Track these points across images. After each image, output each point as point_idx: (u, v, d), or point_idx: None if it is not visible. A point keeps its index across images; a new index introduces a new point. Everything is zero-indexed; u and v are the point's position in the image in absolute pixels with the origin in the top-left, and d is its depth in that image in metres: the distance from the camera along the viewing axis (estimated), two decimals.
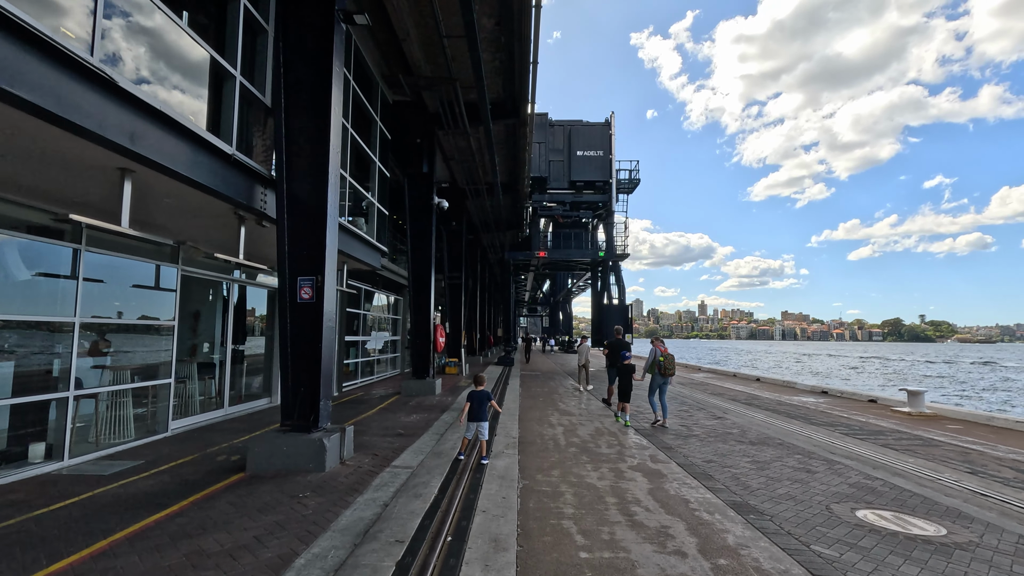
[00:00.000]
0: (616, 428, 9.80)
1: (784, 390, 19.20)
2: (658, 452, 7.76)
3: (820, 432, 10.23)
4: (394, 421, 10.05)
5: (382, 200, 12.50)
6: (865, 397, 16.52)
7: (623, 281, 27.68)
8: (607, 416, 11.36)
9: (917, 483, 6.50)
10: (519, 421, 10.31)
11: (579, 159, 25.65)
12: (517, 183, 20.78)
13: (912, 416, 13.05)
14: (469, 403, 7.10)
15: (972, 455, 8.50)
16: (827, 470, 7.07)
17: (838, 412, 13.34)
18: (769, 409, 13.54)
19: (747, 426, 10.58)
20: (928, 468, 7.41)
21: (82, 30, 4.13)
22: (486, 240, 29.60)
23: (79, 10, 4.16)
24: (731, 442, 8.80)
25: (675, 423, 10.64)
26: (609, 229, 26.92)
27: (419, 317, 14.33)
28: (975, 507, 5.60)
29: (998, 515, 5.37)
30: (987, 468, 7.54)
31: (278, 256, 6.53)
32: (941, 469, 7.40)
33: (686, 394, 16.38)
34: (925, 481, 6.63)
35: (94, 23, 4.21)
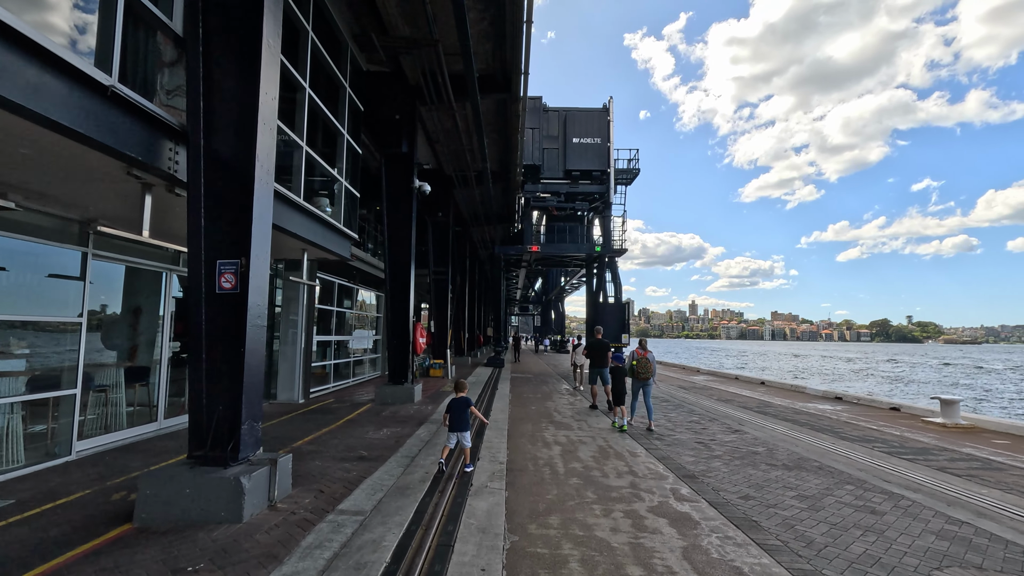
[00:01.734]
0: (624, 447, 8.28)
1: (795, 395, 17.80)
2: (680, 483, 6.25)
3: (857, 450, 8.78)
4: (358, 438, 8.46)
5: (354, 181, 10.90)
6: (886, 404, 15.13)
7: (619, 278, 26.24)
8: (608, 428, 9.84)
9: (1018, 531, 5.04)
10: (508, 437, 8.76)
11: (575, 147, 24.07)
12: (509, 171, 19.22)
13: (948, 428, 11.65)
14: (449, 412, 6.78)
15: None
16: (895, 509, 5.59)
17: (864, 423, 11.93)
18: (787, 419, 12.10)
19: (772, 442, 9.12)
20: (1014, 505, 5.95)
21: None
22: (475, 234, 28.01)
23: None
24: (761, 466, 7.32)
25: (690, 438, 9.15)
26: (606, 222, 25.38)
27: (396, 314, 12.74)
28: None
29: None
30: None
31: (189, 232, 4.94)
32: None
33: (692, 401, 14.93)
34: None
35: None
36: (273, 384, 12.47)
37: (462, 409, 6.74)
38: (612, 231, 25.48)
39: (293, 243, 8.66)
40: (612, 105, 24.58)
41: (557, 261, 30.79)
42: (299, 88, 8.15)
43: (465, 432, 6.70)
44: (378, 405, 12.05)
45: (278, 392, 12.43)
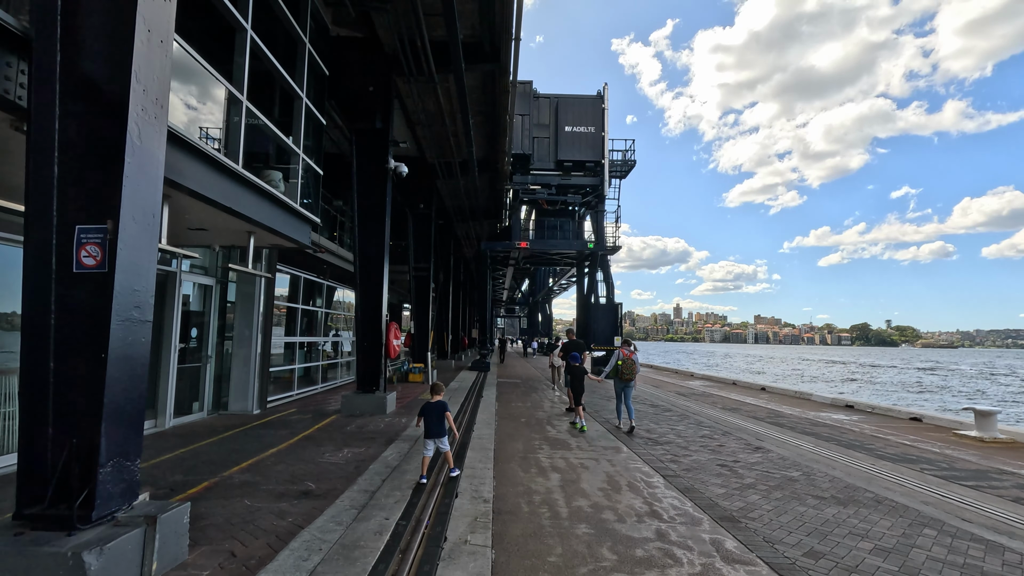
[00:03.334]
0: (636, 474, 6.81)
1: (801, 403, 16.52)
2: (719, 531, 4.79)
3: (905, 473, 7.43)
4: (310, 462, 6.88)
5: (317, 157, 9.34)
6: (905, 414, 13.90)
7: (612, 278, 24.85)
8: (615, 447, 8.37)
9: None
10: (495, 461, 7.24)
11: (567, 136, 22.57)
12: (496, 159, 17.72)
13: (987, 443, 10.40)
14: (423, 418, 6.34)
15: None
16: (1004, 568, 4.21)
17: (892, 436, 10.64)
18: (807, 432, 10.77)
19: (804, 464, 7.73)
20: None
21: None
22: (460, 229, 26.45)
23: None
24: (808, 500, 5.90)
25: (710, 459, 7.72)
26: (599, 218, 23.93)
27: (367, 312, 11.17)
28: None
29: None
30: None
31: (32, 185, 3.37)
32: None
33: (696, 410, 13.55)
34: None
35: None
36: (225, 392, 10.81)
37: (438, 414, 6.31)
38: (605, 227, 24.08)
39: (233, 223, 7.07)
40: (607, 92, 23.12)
41: (546, 259, 29.25)
42: (239, 29, 6.59)
43: (443, 437, 6.30)
44: (344, 417, 10.45)
45: (230, 401, 10.77)
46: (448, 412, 6.36)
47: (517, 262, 30.65)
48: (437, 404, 6.33)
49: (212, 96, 6.25)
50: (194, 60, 5.52)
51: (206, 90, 6.15)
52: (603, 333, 22.96)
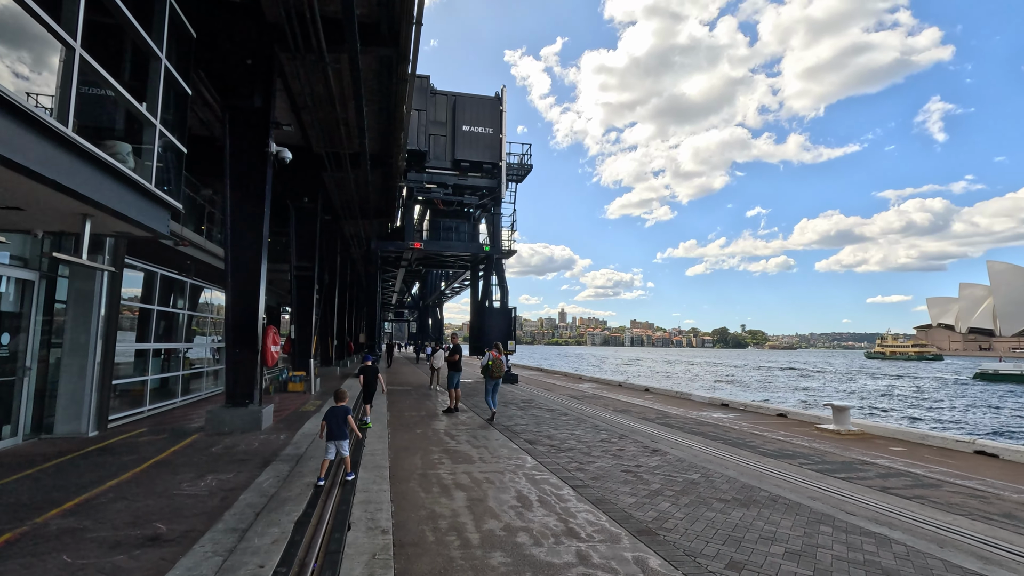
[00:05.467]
0: (546, 486, 6.44)
1: (684, 403, 17.47)
2: (639, 546, 4.53)
3: (788, 469, 7.87)
4: (160, 497, 5.67)
5: (180, 133, 7.94)
6: (772, 411, 15.16)
7: (506, 282, 24.74)
8: (519, 458, 7.98)
9: None
10: (392, 481, 6.50)
11: (465, 135, 22.05)
12: (391, 153, 16.74)
13: (843, 436, 11.53)
14: (326, 423, 6.39)
15: (994, 501, 6.52)
16: (902, 562, 4.39)
17: (767, 432, 11.43)
18: (695, 432, 11.23)
19: (700, 465, 7.91)
20: (999, 539, 5.08)
21: None
22: (349, 228, 24.85)
23: None
24: (714, 504, 5.92)
25: (614, 465, 7.60)
26: (495, 220, 23.68)
27: (240, 315, 9.80)
28: None
29: None
30: None
31: None
32: (1014, 539, 5.12)
33: (590, 413, 13.68)
34: None
35: None
36: (50, 411, 8.86)
37: (341, 418, 6.42)
38: (501, 230, 23.90)
39: (62, 202, 5.65)
40: (505, 95, 23.00)
41: (440, 261, 28.43)
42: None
43: (344, 441, 6.39)
44: (209, 436, 9.01)
45: (56, 422, 8.83)
46: (351, 416, 6.50)
47: (409, 264, 29.53)
48: (341, 409, 6.49)
49: (32, 40, 4.90)
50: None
51: (24, 30, 4.80)
52: (498, 336, 22.73)
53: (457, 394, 13.19)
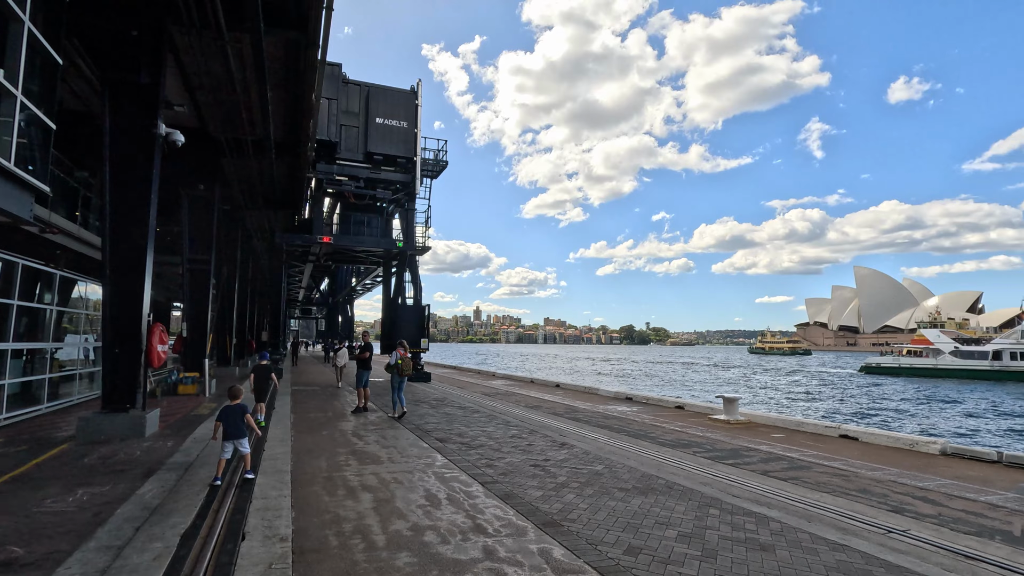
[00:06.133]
0: (455, 484, 6.43)
1: (592, 398, 18.15)
2: (545, 538, 4.66)
3: (683, 457, 8.43)
4: (17, 516, 5.03)
5: (48, 106, 7.06)
6: (672, 403, 16.13)
7: (420, 279, 24.37)
8: (429, 457, 7.91)
9: (884, 546, 4.63)
10: (294, 485, 6.20)
11: (379, 128, 21.36)
12: (299, 142, 15.91)
13: (732, 425, 12.50)
14: (221, 422, 6.20)
15: (853, 478, 7.37)
16: (775, 537, 4.86)
17: (666, 424, 12.16)
18: (601, 426, 11.71)
19: (605, 456, 8.27)
20: (856, 512, 5.77)
21: None
22: (251, 220, 23.34)
23: None
24: (615, 493, 6.22)
25: (523, 460, 7.75)
26: (410, 216, 23.19)
27: (121, 310, 8.91)
28: None
29: None
30: (906, 504, 6.24)
31: None
32: (867, 511, 5.83)
33: (502, 410, 13.85)
34: (896, 544, 4.81)
35: None
36: None
37: (238, 416, 6.27)
38: (415, 226, 23.44)
39: None
40: (421, 89, 22.57)
41: (351, 257, 27.38)
42: None
43: (243, 439, 6.26)
44: (81, 445, 8.10)
45: None
46: (249, 414, 6.38)
47: (318, 258, 28.20)
48: (238, 407, 6.32)
49: None
50: None
51: None
52: (410, 334, 22.33)
53: (366, 393, 12.85)
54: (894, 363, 55.90)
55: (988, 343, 49.46)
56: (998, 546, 4.83)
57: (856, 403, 32.08)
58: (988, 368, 45.75)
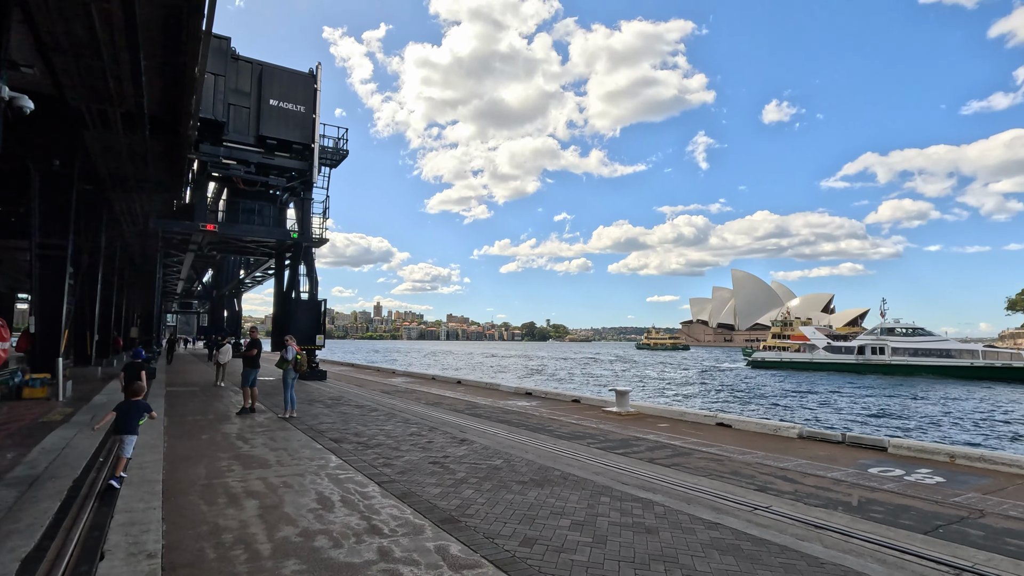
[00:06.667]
0: (351, 484, 6.19)
1: (493, 393, 18.36)
2: (442, 535, 4.63)
3: (578, 449, 8.79)
4: None
5: None
6: (569, 397, 16.74)
7: (316, 273, 23.18)
8: (323, 458, 7.56)
9: (746, 520, 5.16)
10: (166, 496, 5.64)
11: (273, 110, 19.85)
12: (178, 120, 14.46)
13: (623, 416, 13.22)
14: (115, 412, 6.11)
15: (726, 462, 8.10)
16: (659, 520, 5.21)
17: (563, 417, 12.60)
18: (501, 421, 11.88)
19: (504, 451, 8.40)
20: (728, 492, 6.35)
21: None
22: (120, 202, 20.86)
23: None
24: (513, 486, 6.34)
25: (422, 458, 7.66)
26: (306, 206, 21.88)
27: None
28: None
29: None
30: (769, 484, 6.96)
31: None
32: (738, 491, 6.43)
33: (402, 407, 13.60)
34: (760, 520, 5.36)
35: None
36: None
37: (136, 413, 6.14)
38: (312, 217, 22.20)
39: None
40: (320, 73, 21.28)
41: (239, 247, 25.31)
42: None
43: (131, 436, 6.05)
44: None
45: None
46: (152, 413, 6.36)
47: (200, 248, 25.81)
48: (141, 403, 6.25)
49: None
50: None
51: None
52: (305, 330, 21.18)
53: (254, 393, 12.04)
54: (777, 358, 62.08)
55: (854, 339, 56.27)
56: (840, 516, 5.53)
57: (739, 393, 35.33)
58: (854, 362, 52.08)
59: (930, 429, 21.41)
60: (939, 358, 46.36)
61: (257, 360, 12.17)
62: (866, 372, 49.34)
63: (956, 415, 25.07)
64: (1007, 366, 42.71)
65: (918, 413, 25.77)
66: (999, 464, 7.86)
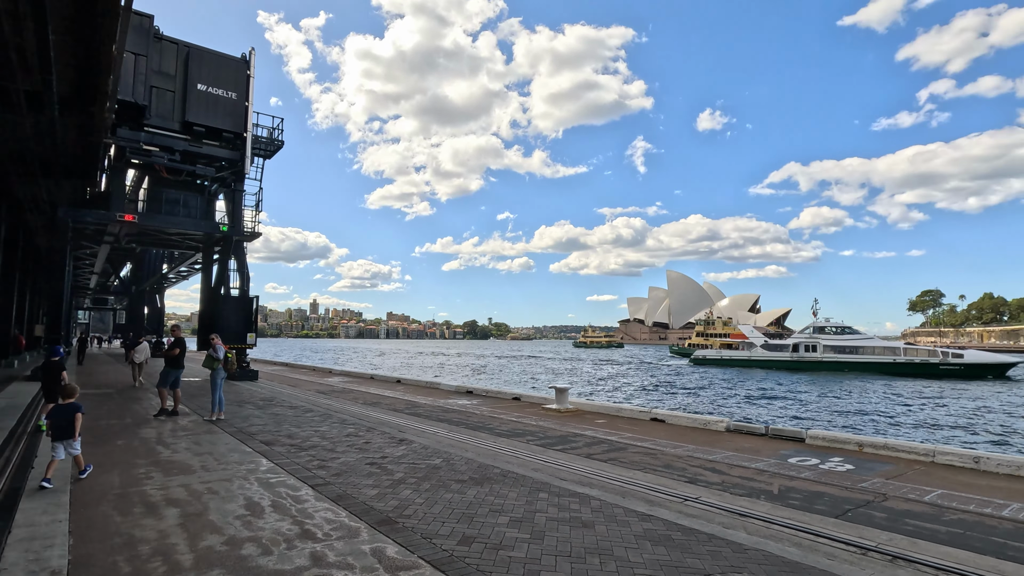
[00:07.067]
0: (282, 488, 5.95)
1: (433, 392, 18.21)
2: (379, 537, 4.53)
3: (517, 446, 8.86)
4: None
5: None
6: (509, 395, 16.85)
7: (247, 268, 22.06)
8: (252, 461, 7.22)
9: (677, 511, 5.38)
10: (74, 507, 5.21)
11: (201, 95, 18.58)
12: (92, 101, 13.34)
13: (563, 413, 13.44)
14: (50, 419, 6.13)
15: (660, 456, 8.40)
16: (595, 515, 5.34)
17: (504, 415, 12.67)
18: (441, 419, 11.81)
19: (443, 450, 8.34)
20: (660, 485, 6.59)
21: None
22: (23, 189, 19.04)
23: None
24: (452, 485, 6.31)
25: (359, 459, 7.48)
26: (237, 198, 20.73)
27: None
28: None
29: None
30: (699, 475, 7.27)
31: None
32: (670, 484, 6.69)
33: (339, 408, 13.23)
34: (690, 510, 5.59)
35: None
36: None
37: (67, 416, 6.09)
38: (244, 210, 21.06)
39: None
40: (253, 59, 20.15)
41: (162, 239, 23.60)
42: None
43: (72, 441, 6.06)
44: None
45: None
46: (80, 414, 6.19)
47: (118, 240, 23.94)
48: (69, 406, 6.18)
49: None
50: None
51: None
52: (235, 328, 20.15)
53: (177, 395, 11.36)
54: (717, 355, 64.78)
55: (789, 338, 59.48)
56: (763, 504, 5.87)
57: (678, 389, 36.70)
58: (789, 359, 55.10)
59: (848, 420, 23.14)
60: (865, 355, 50.08)
61: (181, 360, 11.48)
62: (800, 369, 52.41)
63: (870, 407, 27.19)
64: (925, 362, 46.86)
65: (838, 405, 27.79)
66: (900, 451, 8.59)
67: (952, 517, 5.54)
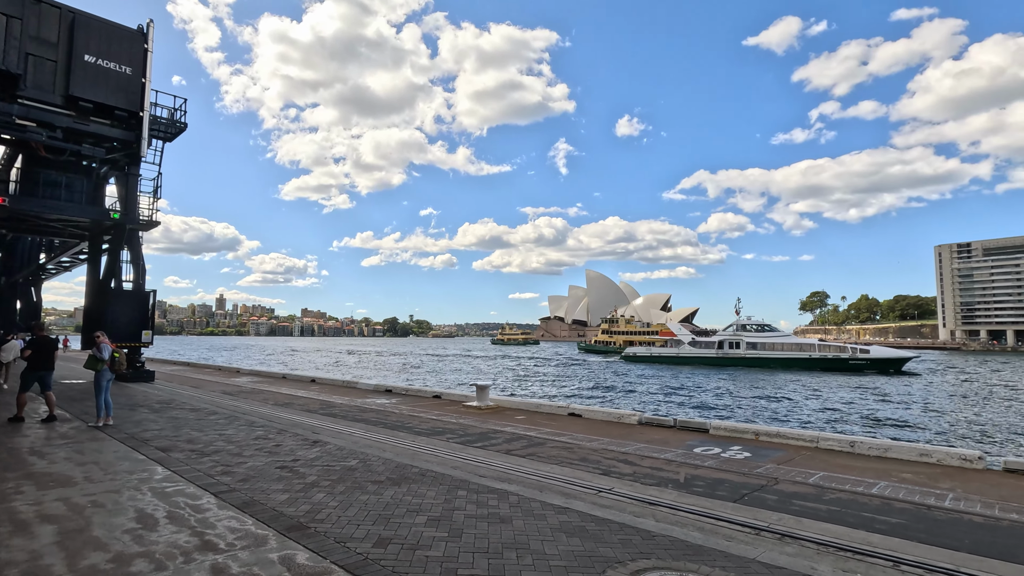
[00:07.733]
0: (180, 497, 5.50)
1: (350, 392, 17.65)
2: (288, 543, 4.32)
3: (437, 445, 8.81)
4: None
5: None
6: (430, 393, 16.69)
7: (143, 260, 20.17)
8: (146, 470, 6.64)
9: (592, 502, 5.58)
10: None
11: (89, 68, 16.51)
12: None
13: (483, 410, 13.49)
14: None
15: (576, 450, 8.66)
16: (513, 509, 5.41)
17: (423, 414, 12.53)
18: (357, 419, 11.48)
19: (360, 451, 8.12)
20: (575, 478, 6.79)
21: None
22: None
23: None
24: (368, 487, 6.14)
25: (268, 463, 7.09)
26: (132, 183, 18.81)
27: None
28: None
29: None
30: (612, 467, 7.56)
31: None
32: (585, 476, 6.92)
33: (247, 409, 12.50)
34: (604, 501, 5.80)
35: None
36: None
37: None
38: (139, 196, 19.16)
39: None
40: (152, 31, 18.24)
41: (40, 225, 20.87)
42: None
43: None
44: None
45: None
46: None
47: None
48: None
49: None
50: None
51: None
52: (129, 324, 18.39)
53: (50, 398, 10.22)
54: (647, 352, 67.29)
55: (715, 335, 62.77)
56: (670, 492, 6.21)
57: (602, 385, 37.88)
58: (715, 355, 58.19)
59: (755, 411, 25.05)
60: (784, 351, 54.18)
61: (51, 360, 10.35)
62: (725, 365, 55.66)
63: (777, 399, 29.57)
64: (836, 357, 51.67)
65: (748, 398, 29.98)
66: (790, 439, 9.41)
67: (831, 496, 6.15)
